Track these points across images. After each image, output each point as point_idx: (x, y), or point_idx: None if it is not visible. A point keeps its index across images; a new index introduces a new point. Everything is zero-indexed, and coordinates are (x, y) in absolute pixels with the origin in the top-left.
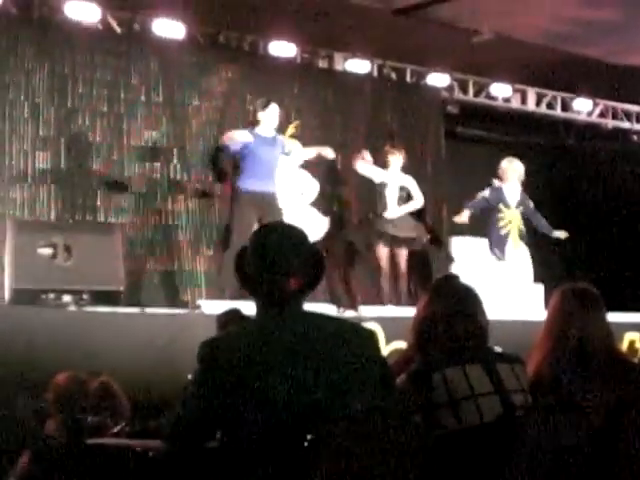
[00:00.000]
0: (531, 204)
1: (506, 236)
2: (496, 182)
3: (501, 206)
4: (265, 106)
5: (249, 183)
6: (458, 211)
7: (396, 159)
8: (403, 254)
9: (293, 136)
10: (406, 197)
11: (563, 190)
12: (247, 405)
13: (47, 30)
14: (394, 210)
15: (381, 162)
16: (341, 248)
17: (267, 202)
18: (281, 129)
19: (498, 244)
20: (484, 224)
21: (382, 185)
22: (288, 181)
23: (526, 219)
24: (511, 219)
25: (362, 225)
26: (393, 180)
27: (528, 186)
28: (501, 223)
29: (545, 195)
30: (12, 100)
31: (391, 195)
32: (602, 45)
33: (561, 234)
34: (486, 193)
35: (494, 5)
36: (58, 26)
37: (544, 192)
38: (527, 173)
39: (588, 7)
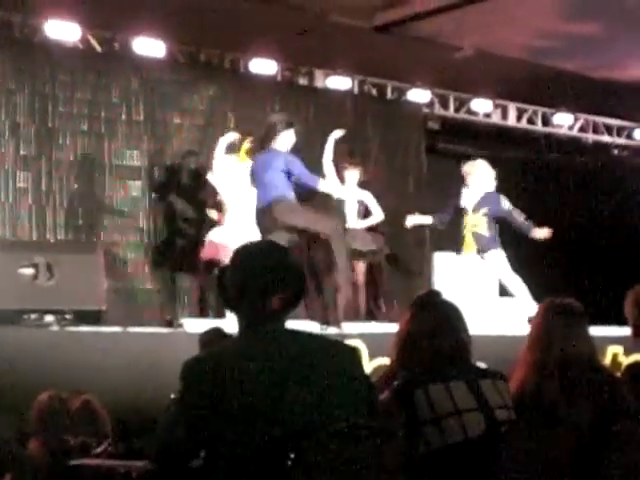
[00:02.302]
0: (503, 204)
1: (461, 241)
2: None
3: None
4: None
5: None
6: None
7: (353, 175)
8: (362, 267)
9: (249, 152)
10: (364, 212)
11: (544, 204)
12: (230, 424)
13: (28, 49)
14: (353, 224)
15: (339, 178)
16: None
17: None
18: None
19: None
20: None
21: (340, 201)
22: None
23: (498, 222)
24: (465, 224)
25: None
26: (351, 196)
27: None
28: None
29: (526, 210)
30: None
31: (350, 211)
32: (583, 60)
33: (542, 233)
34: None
35: (475, 21)
36: (39, 45)
37: (525, 207)
38: (508, 188)
39: (568, 22)
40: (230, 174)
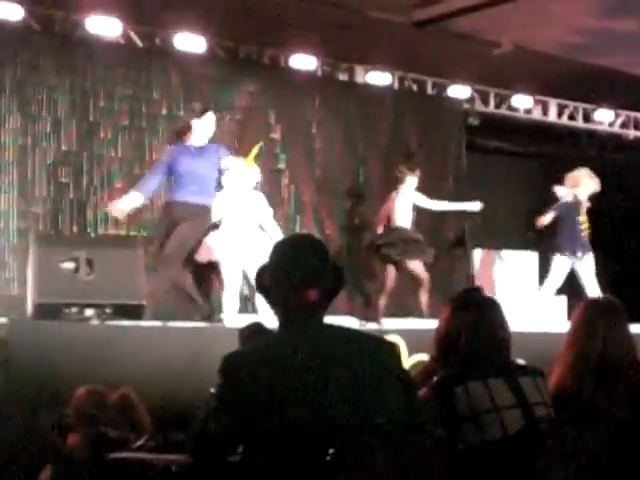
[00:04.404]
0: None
1: (581, 237)
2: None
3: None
4: (202, 114)
5: (180, 195)
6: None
7: (412, 181)
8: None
9: (256, 157)
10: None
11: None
12: (268, 419)
13: (68, 45)
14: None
15: (396, 181)
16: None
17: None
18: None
19: (572, 244)
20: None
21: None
22: (238, 201)
23: None
24: (584, 222)
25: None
26: (408, 200)
27: (550, 196)
28: (582, 225)
29: None
30: (34, 115)
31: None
32: (622, 56)
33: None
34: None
35: (514, 17)
36: (79, 41)
37: None
38: (549, 184)
39: (607, 18)
40: (236, 177)
